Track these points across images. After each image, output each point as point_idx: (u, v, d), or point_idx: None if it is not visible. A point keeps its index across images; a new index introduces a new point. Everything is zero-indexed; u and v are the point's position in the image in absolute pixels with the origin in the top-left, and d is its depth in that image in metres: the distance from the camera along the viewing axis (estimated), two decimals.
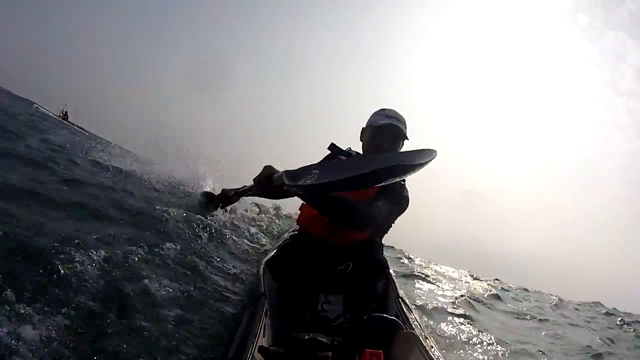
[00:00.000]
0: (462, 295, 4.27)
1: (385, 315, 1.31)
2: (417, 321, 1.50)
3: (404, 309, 1.57)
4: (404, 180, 1.66)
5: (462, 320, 3.19)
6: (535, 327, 4.03)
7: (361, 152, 1.77)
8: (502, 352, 2.64)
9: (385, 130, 1.63)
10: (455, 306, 3.63)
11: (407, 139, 1.66)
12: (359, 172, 1.14)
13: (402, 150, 1.67)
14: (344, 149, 1.80)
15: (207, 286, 2.11)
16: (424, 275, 5.10)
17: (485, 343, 2.73)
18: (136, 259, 1.96)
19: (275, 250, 2.04)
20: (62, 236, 1.86)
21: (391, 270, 1.86)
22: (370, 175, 1.12)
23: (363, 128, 1.74)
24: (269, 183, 1.41)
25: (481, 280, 6.99)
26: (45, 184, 2.75)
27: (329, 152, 1.79)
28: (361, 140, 1.75)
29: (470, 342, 2.68)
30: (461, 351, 2.45)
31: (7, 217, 1.92)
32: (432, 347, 1.22)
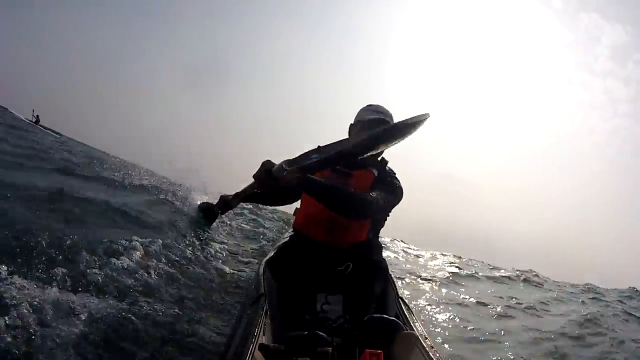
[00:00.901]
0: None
1: (385, 315, 1.31)
2: (417, 322, 1.49)
3: (404, 309, 1.57)
4: (394, 173, 1.73)
5: (463, 314, 3.16)
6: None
7: None
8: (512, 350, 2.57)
9: (374, 124, 1.65)
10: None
11: None
12: (357, 140, 1.16)
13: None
14: None
15: (207, 287, 2.12)
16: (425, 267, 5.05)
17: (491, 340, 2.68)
18: (138, 264, 1.98)
19: (275, 250, 2.04)
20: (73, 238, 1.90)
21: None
22: (367, 141, 1.15)
23: (351, 124, 1.77)
24: (270, 176, 1.40)
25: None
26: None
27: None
28: (349, 135, 1.76)
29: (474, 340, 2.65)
30: (463, 351, 2.42)
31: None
32: (432, 347, 1.21)
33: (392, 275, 1.82)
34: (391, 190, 1.62)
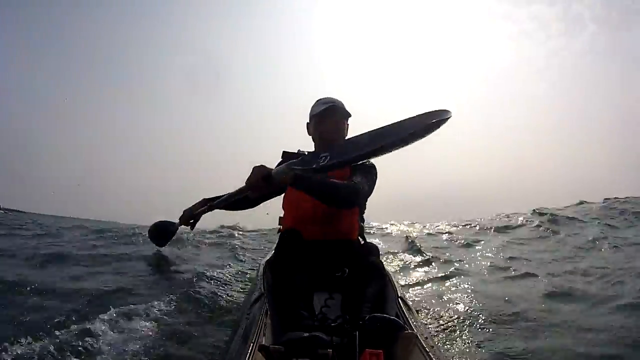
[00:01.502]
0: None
1: (386, 315, 1.31)
2: (418, 322, 1.49)
3: (404, 309, 1.57)
4: None
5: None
6: None
7: (312, 147, 1.81)
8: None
9: (325, 114, 1.70)
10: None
11: (350, 116, 1.75)
12: (377, 145, 1.15)
13: (347, 128, 1.76)
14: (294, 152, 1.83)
15: (207, 288, 2.12)
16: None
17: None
18: (142, 268, 1.99)
19: (274, 251, 2.04)
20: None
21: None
22: (387, 145, 1.15)
23: (307, 123, 1.80)
24: (267, 181, 1.41)
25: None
26: None
27: (282, 159, 1.80)
28: (309, 134, 1.81)
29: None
30: (464, 351, 2.41)
31: None
32: (433, 347, 1.21)
33: (392, 275, 1.83)
34: (368, 171, 1.66)
